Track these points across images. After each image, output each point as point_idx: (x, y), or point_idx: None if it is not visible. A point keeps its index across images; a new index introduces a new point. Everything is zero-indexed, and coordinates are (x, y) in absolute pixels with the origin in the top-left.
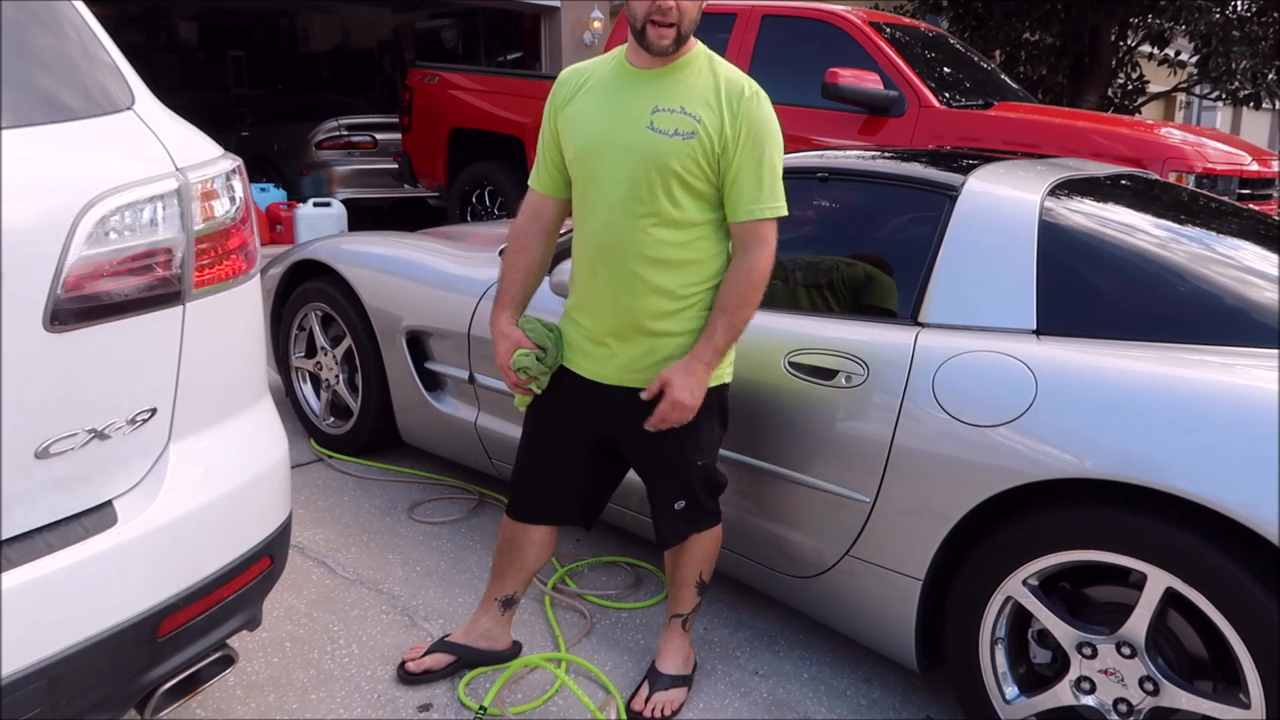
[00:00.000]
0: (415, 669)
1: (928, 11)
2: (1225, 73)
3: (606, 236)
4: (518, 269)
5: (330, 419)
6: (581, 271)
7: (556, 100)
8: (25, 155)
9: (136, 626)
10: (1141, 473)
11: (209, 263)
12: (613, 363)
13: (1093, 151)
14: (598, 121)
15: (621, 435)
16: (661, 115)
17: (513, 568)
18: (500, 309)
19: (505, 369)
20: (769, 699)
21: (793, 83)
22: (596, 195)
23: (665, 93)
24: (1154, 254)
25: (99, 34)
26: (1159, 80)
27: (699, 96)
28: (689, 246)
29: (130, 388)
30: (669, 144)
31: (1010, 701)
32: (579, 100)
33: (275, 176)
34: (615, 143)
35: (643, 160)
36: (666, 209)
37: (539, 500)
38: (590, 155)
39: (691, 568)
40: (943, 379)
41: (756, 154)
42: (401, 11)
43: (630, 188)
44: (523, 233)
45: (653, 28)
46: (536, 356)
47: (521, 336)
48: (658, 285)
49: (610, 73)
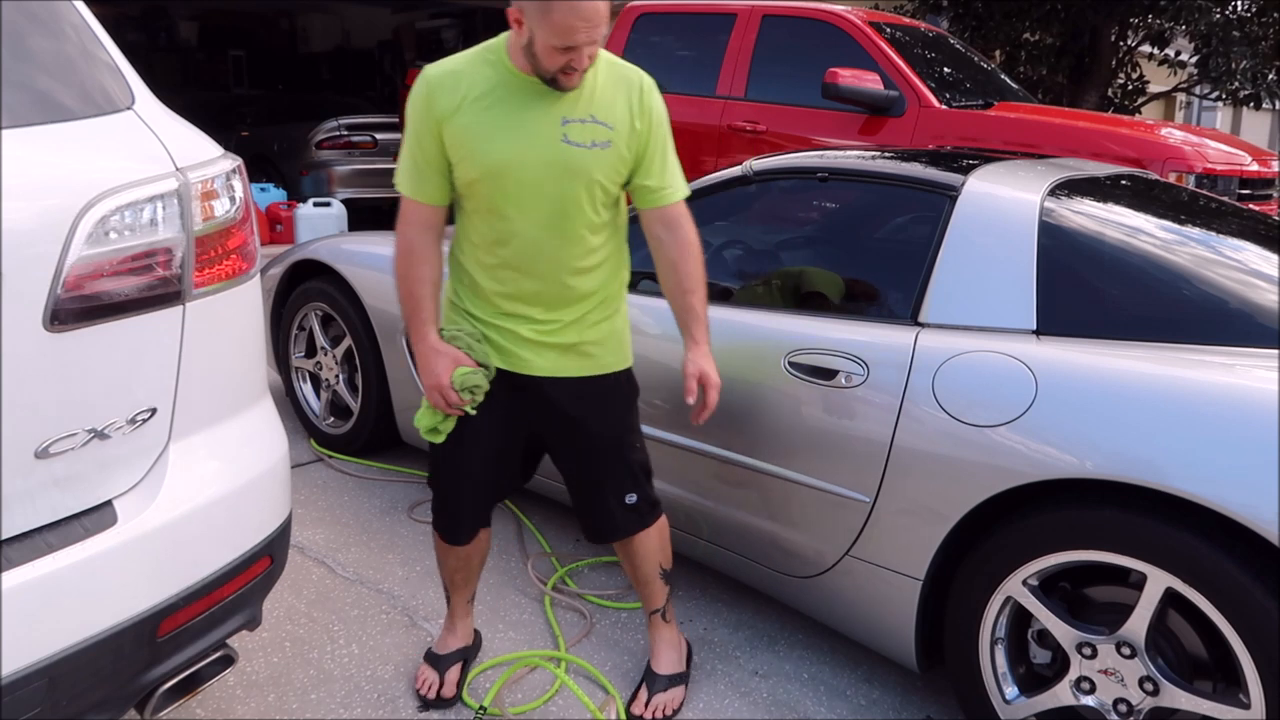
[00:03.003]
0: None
1: (928, 11)
2: (1225, 73)
3: (534, 252)
4: (425, 282)
5: (330, 419)
6: (502, 288)
7: (437, 109)
8: (25, 155)
9: (136, 626)
10: (1141, 473)
11: (209, 263)
12: (545, 357)
13: (1093, 151)
14: (505, 139)
15: (557, 430)
16: (573, 127)
17: (473, 574)
18: (423, 325)
19: (446, 389)
20: (769, 699)
21: (793, 83)
22: (517, 212)
23: (569, 101)
24: (1154, 254)
25: (99, 34)
26: (1159, 80)
27: (603, 101)
28: (603, 249)
29: (130, 388)
30: (588, 156)
31: (1010, 701)
32: (469, 113)
33: (275, 176)
34: (531, 161)
35: (565, 176)
36: (591, 218)
37: (473, 517)
38: (502, 174)
39: (651, 563)
40: (943, 379)
41: (663, 140)
42: (401, 11)
43: (557, 205)
44: (418, 246)
45: (564, 77)
46: (484, 375)
47: (459, 353)
48: (584, 291)
49: (499, 81)
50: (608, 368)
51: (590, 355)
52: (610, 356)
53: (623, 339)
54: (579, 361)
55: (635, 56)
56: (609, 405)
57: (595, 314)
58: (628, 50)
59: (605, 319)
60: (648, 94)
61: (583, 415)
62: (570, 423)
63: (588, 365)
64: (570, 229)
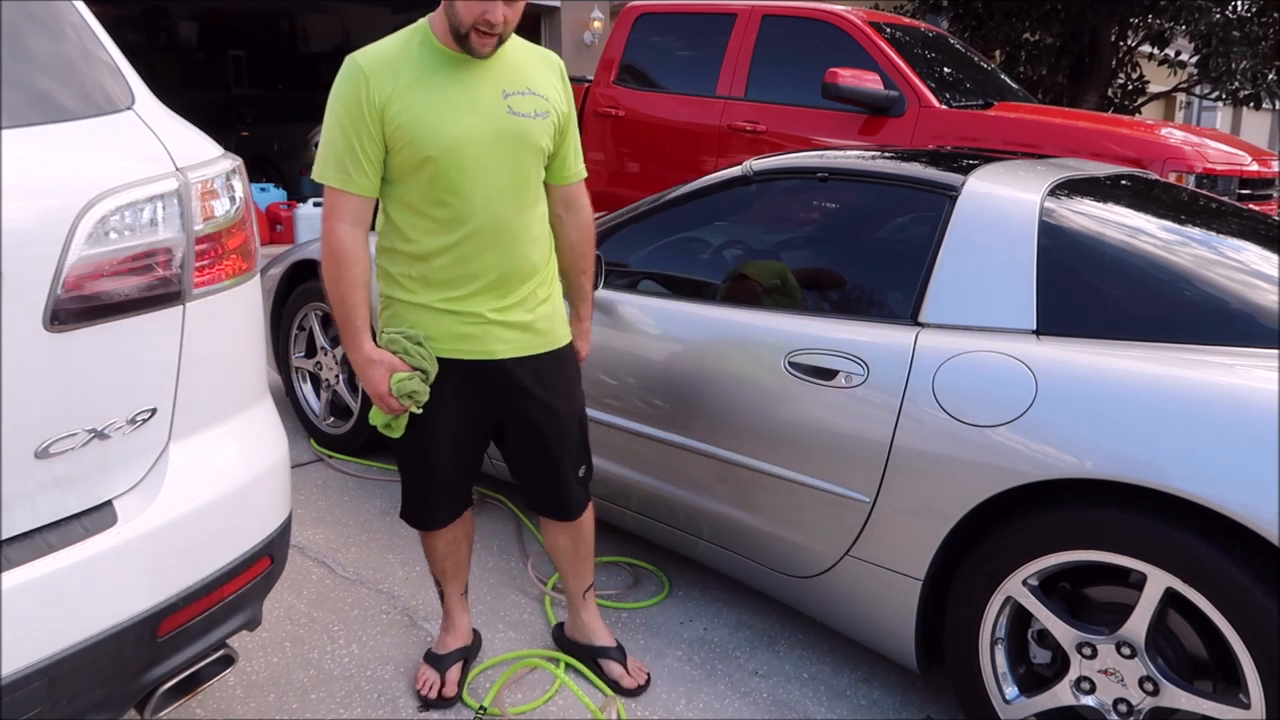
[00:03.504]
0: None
1: (928, 11)
2: (1225, 73)
3: (495, 227)
4: (357, 286)
5: (330, 419)
6: (460, 267)
7: (375, 96)
8: (25, 155)
9: (136, 626)
10: (1141, 473)
11: (209, 263)
12: (505, 338)
13: (1093, 151)
14: (456, 115)
15: (515, 408)
16: (515, 99)
17: (462, 562)
18: (357, 334)
19: (385, 396)
20: (769, 699)
21: (793, 83)
22: (475, 190)
23: (505, 76)
24: (1154, 254)
25: (99, 34)
26: (1159, 80)
27: (533, 74)
28: (543, 219)
29: (130, 388)
30: (533, 125)
31: (1010, 701)
32: (408, 95)
33: (275, 176)
34: (482, 135)
35: (516, 146)
36: (538, 187)
37: (451, 501)
38: (456, 151)
39: (591, 536)
40: (943, 379)
41: (574, 119)
42: (401, 11)
43: (512, 175)
44: (350, 245)
45: (477, 35)
46: (421, 378)
47: (394, 359)
48: (535, 262)
49: (432, 61)
50: (559, 340)
51: (542, 332)
52: (560, 329)
53: (563, 311)
54: (535, 339)
55: (635, 56)
56: (567, 378)
57: (543, 289)
58: (628, 50)
59: (551, 293)
60: (563, 70)
61: (548, 393)
62: (538, 404)
63: (543, 341)
64: (524, 197)
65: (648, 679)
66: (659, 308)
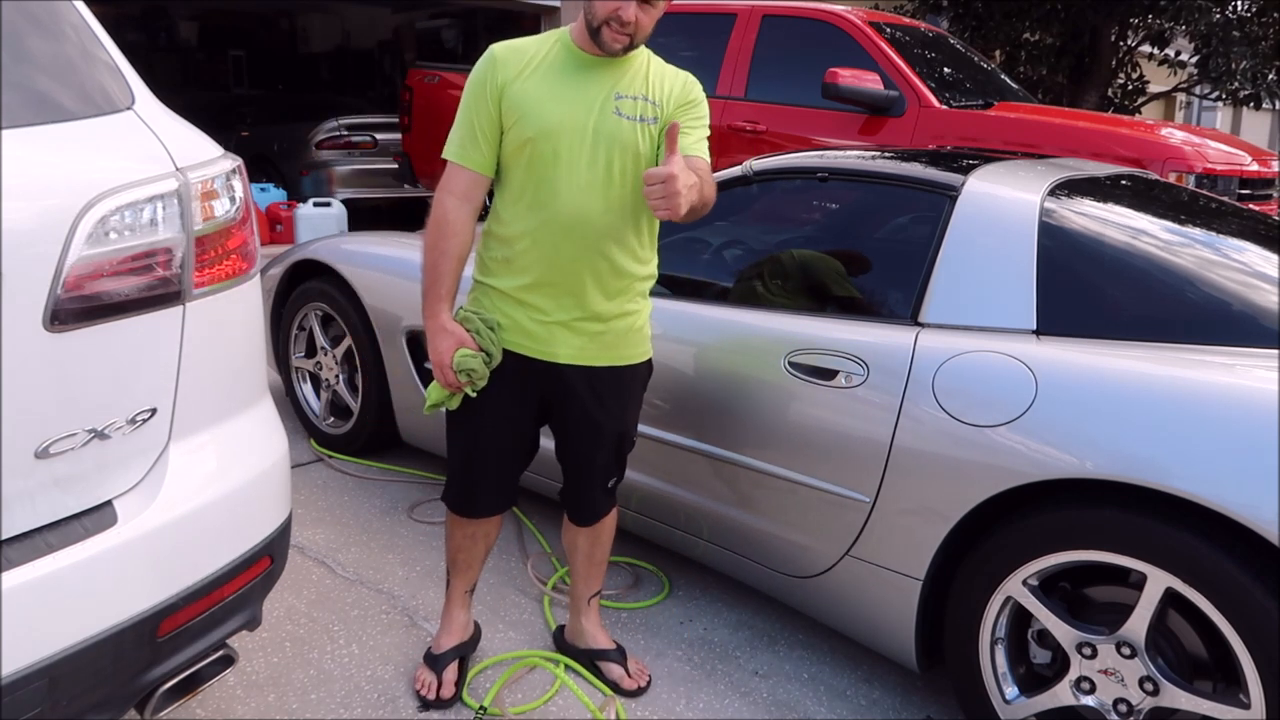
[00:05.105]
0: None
1: (928, 11)
2: (1225, 73)
3: (577, 217)
4: (450, 257)
5: (330, 419)
6: (538, 253)
7: (499, 77)
8: (25, 155)
9: (136, 626)
10: (1141, 473)
11: (209, 263)
12: (570, 343)
13: (1093, 151)
14: (558, 103)
15: (560, 407)
16: (625, 101)
17: (475, 559)
18: (438, 301)
19: (445, 368)
20: (769, 699)
21: (793, 83)
22: (563, 177)
23: (623, 80)
24: (1154, 254)
25: (99, 34)
26: (1159, 80)
27: (658, 85)
28: (643, 233)
29: (130, 388)
30: (633, 127)
31: (1010, 701)
32: (527, 80)
33: (275, 176)
34: (580, 125)
35: (612, 144)
36: (635, 194)
37: (492, 492)
38: (553, 136)
39: (609, 543)
40: (943, 379)
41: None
42: (401, 11)
43: (604, 170)
44: (454, 216)
45: (609, 30)
46: (483, 360)
47: (465, 335)
48: (619, 266)
49: (557, 56)
50: (628, 359)
51: (611, 346)
52: (632, 349)
53: (645, 331)
54: (601, 351)
55: None
56: (623, 398)
57: (630, 304)
58: None
59: (636, 310)
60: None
61: (596, 407)
62: (583, 413)
63: (609, 355)
64: (614, 196)
65: (649, 680)
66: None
